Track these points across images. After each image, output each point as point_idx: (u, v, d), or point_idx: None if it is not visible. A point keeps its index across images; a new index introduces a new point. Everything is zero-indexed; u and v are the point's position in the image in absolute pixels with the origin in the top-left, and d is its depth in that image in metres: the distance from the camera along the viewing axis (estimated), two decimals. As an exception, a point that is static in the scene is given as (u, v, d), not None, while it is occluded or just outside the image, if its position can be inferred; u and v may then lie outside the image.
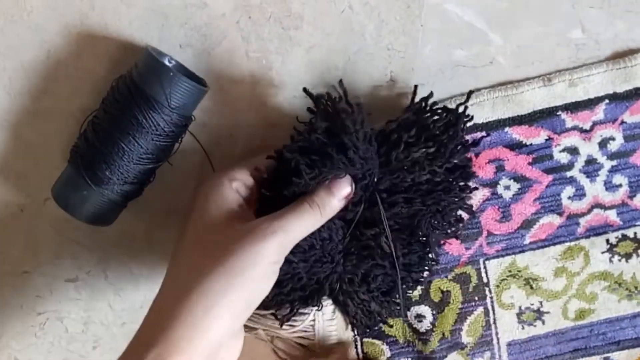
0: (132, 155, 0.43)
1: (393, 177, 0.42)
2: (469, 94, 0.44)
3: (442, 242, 0.48)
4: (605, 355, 0.51)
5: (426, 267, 0.47)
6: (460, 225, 0.47)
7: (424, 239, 0.45)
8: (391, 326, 0.50)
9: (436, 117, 0.43)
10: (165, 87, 0.42)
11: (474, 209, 0.48)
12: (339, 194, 0.41)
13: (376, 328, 0.49)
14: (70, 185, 0.45)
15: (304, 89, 0.43)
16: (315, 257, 0.42)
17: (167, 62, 0.43)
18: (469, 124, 0.45)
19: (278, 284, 0.41)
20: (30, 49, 0.46)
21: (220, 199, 0.41)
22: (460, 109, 0.43)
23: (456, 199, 0.44)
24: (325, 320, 0.47)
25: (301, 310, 0.45)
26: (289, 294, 0.43)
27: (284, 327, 0.46)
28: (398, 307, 0.47)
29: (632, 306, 0.51)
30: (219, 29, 0.45)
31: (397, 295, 0.46)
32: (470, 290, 0.50)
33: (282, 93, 0.47)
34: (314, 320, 0.47)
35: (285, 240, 0.39)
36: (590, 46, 0.46)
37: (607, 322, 0.51)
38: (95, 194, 0.44)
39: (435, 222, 0.45)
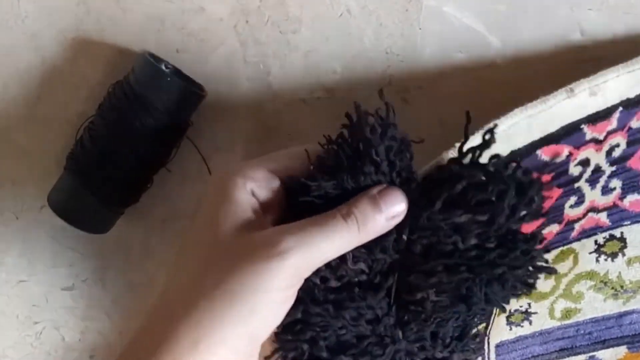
0: (128, 162, 0.43)
1: (430, 236, 0.33)
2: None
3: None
4: (591, 354, 0.51)
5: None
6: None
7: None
8: None
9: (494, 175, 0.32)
10: (162, 92, 0.42)
11: None
12: (387, 210, 0.32)
13: None
14: (66, 192, 0.44)
15: (354, 103, 0.34)
16: (371, 344, 0.34)
17: (164, 67, 0.43)
18: None
19: None
20: (26, 54, 0.46)
21: (230, 201, 0.33)
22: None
23: (518, 264, 0.34)
24: None
25: None
26: None
27: None
28: (478, 342, 0.39)
29: (618, 305, 0.50)
30: (216, 34, 0.45)
31: (473, 333, 0.38)
32: None
33: (280, 97, 0.47)
34: None
35: (304, 261, 0.31)
36: (589, 49, 0.46)
37: (593, 322, 0.50)
38: (92, 201, 0.44)
39: (493, 293, 0.34)
